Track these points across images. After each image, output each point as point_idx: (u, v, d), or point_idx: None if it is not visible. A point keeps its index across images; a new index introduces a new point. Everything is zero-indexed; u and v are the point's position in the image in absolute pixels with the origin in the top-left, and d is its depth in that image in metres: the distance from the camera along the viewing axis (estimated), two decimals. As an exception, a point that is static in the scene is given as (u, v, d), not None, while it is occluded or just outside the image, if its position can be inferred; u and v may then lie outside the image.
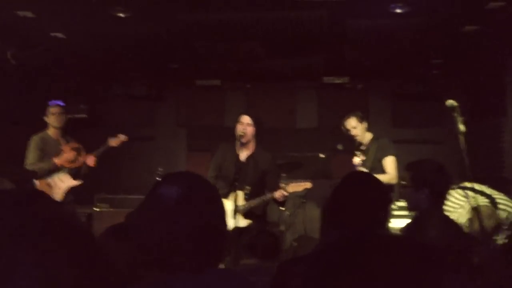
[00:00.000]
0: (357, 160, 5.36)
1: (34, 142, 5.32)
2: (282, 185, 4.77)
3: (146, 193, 1.55)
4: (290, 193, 4.80)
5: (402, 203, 5.16)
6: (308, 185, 4.81)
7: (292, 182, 4.83)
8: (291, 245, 6.53)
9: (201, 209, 1.47)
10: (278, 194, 4.73)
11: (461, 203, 4.19)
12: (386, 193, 2.13)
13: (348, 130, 5.51)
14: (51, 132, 5.41)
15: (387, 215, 2.10)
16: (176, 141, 8.13)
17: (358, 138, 5.50)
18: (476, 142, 5.22)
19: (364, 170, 5.18)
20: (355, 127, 5.46)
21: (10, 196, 1.06)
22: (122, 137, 5.56)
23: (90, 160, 5.44)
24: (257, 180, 4.93)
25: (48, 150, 5.32)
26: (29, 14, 4.86)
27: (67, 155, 5.31)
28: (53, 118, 5.37)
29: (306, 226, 6.54)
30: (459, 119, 4.44)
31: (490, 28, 5.15)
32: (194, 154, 7.91)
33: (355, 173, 2.26)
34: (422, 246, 1.63)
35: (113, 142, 5.53)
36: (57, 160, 5.27)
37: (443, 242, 2.74)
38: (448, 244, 2.74)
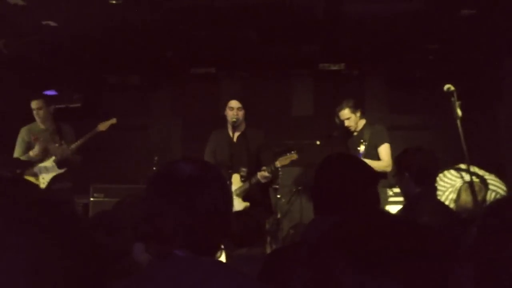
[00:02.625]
0: (362, 148, 5.33)
1: (20, 135, 5.44)
2: (263, 167, 4.75)
3: (143, 182, 1.52)
4: (285, 181, 4.80)
5: (398, 189, 5.16)
6: (294, 156, 4.79)
7: (280, 157, 4.79)
8: (288, 232, 6.53)
9: (213, 190, 1.46)
10: (259, 175, 4.74)
11: (452, 182, 4.21)
12: (369, 172, 2.08)
13: (341, 121, 5.50)
14: (39, 122, 5.44)
15: (376, 195, 2.06)
16: (171, 130, 8.09)
17: (352, 128, 5.50)
18: (473, 127, 5.20)
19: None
20: (349, 118, 5.45)
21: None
22: (111, 121, 5.52)
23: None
24: (252, 160, 4.95)
25: (45, 140, 5.36)
26: (20, 1, 4.79)
27: (37, 147, 5.30)
28: (34, 113, 5.39)
29: (302, 214, 6.53)
30: (457, 103, 4.44)
31: (487, 12, 5.11)
32: (189, 143, 7.87)
33: (334, 155, 2.20)
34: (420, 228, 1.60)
35: (102, 126, 5.49)
36: (31, 153, 5.33)
37: (435, 227, 2.73)
38: (440, 229, 2.72)
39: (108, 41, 6.27)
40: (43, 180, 5.34)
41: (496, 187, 4.24)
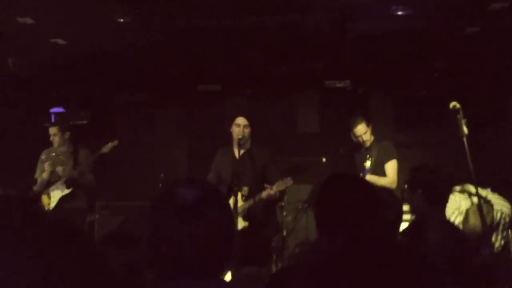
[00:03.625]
0: (368, 163, 5.30)
1: (40, 158, 5.80)
2: (267, 185, 4.76)
3: (149, 199, 1.54)
4: (291, 198, 4.80)
5: (406, 207, 5.13)
6: (289, 182, 4.81)
7: (277, 182, 4.81)
8: (294, 250, 6.48)
9: (215, 215, 1.46)
10: (264, 193, 4.73)
11: (457, 204, 4.19)
12: (375, 195, 2.06)
13: (358, 137, 5.44)
14: (56, 145, 5.81)
15: (395, 217, 2.04)
16: (177, 147, 8.09)
17: (367, 143, 5.44)
18: (479, 145, 5.18)
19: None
20: (366, 132, 5.41)
21: (2, 201, 1.05)
22: (113, 143, 5.70)
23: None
24: (257, 178, 4.91)
25: (54, 163, 5.70)
26: (29, 20, 4.85)
27: (46, 169, 5.64)
28: (53, 139, 5.77)
29: (308, 231, 6.49)
30: (463, 121, 4.43)
31: (492, 29, 5.13)
32: (195, 160, 7.87)
33: (338, 175, 2.18)
34: (420, 257, 1.58)
35: (105, 148, 5.70)
36: (43, 175, 5.66)
37: (443, 247, 2.71)
38: (449, 248, 2.70)
39: (115, 59, 6.33)
40: (53, 199, 5.64)
41: (500, 205, 4.22)
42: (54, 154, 5.78)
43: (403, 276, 1.34)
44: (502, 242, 4.30)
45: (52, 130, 5.79)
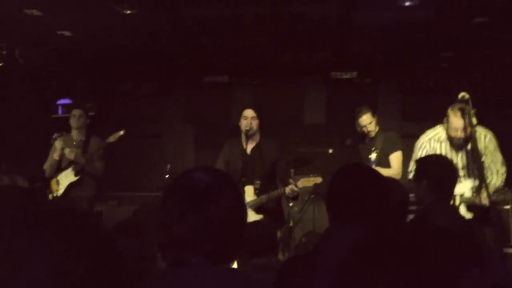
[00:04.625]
0: (374, 156, 5.29)
1: (53, 145, 5.81)
2: (292, 180, 4.74)
3: (155, 189, 1.55)
4: (300, 188, 4.78)
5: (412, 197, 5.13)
6: (318, 179, 4.79)
7: (302, 177, 4.80)
8: (300, 240, 6.50)
9: (228, 200, 1.48)
10: (288, 189, 4.71)
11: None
12: (385, 184, 2.07)
13: (363, 127, 5.43)
14: (72, 133, 5.86)
15: (402, 204, 2.04)
16: (183, 138, 8.12)
17: (372, 133, 5.43)
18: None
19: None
20: (371, 122, 5.40)
21: (11, 192, 1.06)
22: (120, 132, 5.70)
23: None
24: (267, 172, 4.91)
25: (66, 143, 5.73)
26: (36, 12, 4.85)
27: (57, 147, 5.70)
28: (72, 120, 5.81)
29: (315, 222, 6.51)
30: (471, 111, 4.42)
31: (500, 19, 5.09)
32: (202, 151, 7.89)
33: (352, 165, 2.19)
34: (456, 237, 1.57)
35: (111, 138, 5.69)
36: (54, 155, 5.70)
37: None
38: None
39: (122, 50, 6.33)
40: (61, 187, 5.65)
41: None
42: (68, 139, 5.82)
43: (439, 259, 1.32)
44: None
45: (77, 112, 5.84)
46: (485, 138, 4.57)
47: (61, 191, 5.63)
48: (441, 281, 0.89)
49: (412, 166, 4.61)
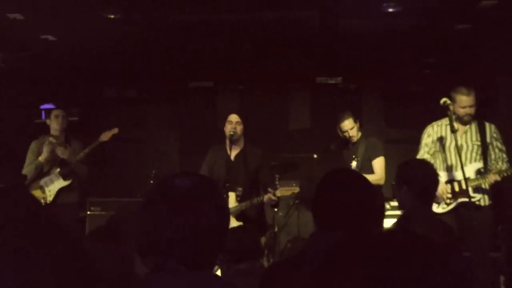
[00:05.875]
0: (354, 164, 5.31)
1: (30, 148, 5.51)
2: (270, 189, 4.77)
3: (140, 195, 1.53)
4: (279, 197, 4.84)
5: (395, 203, 5.16)
6: (296, 189, 4.87)
7: (281, 187, 4.89)
8: (285, 246, 6.51)
9: (207, 207, 1.46)
10: (266, 197, 4.77)
11: None
12: (371, 189, 2.08)
13: (344, 132, 5.46)
14: (55, 130, 5.56)
15: (381, 210, 2.05)
16: (168, 143, 8.08)
17: (353, 139, 5.46)
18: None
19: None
20: (353, 127, 5.43)
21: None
22: (113, 130, 5.61)
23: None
24: (250, 179, 4.93)
25: (54, 145, 5.44)
26: (19, 16, 4.81)
27: (45, 149, 5.37)
28: (55, 121, 5.53)
29: (300, 227, 6.52)
30: (453, 117, 4.47)
31: (482, 26, 5.16)
32: (187, 156, 7.87)
33: (337, 171, 2.19)
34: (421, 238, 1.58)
35: (104, 136, 5.59)
36: (40, 158, 5.38)
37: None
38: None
39: (106, 55, 6.30)
40: (50, 193, 5.38)
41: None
42: (49, 139, 5.50)
43: (415, 260, 1.32)
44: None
45: (58, 112, 5.56)
46: (489, 127, 4.71)
47: (49, 198, 5.36)
48: (404, 282, 0.90)
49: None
